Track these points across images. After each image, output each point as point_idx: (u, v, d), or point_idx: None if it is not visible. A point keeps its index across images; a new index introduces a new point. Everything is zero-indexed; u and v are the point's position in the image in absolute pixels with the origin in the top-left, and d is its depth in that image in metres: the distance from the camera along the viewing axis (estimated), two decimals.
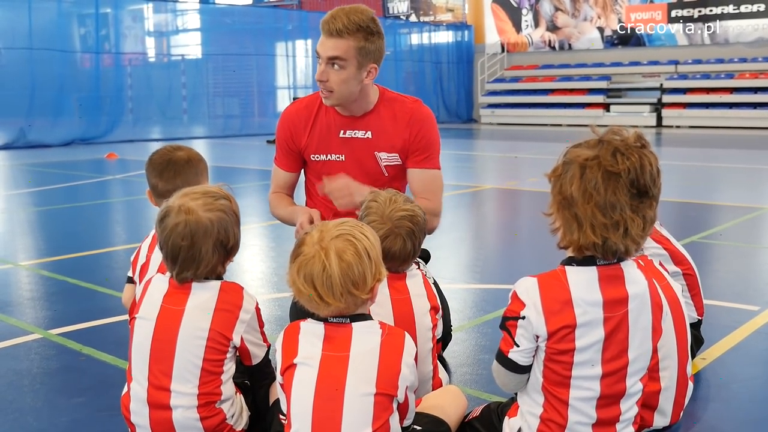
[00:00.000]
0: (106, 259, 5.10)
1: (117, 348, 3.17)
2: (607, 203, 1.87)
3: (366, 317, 2.00)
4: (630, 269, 2.02)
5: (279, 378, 2.00)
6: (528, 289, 1.98)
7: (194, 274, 2.17)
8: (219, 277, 2.23)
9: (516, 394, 2.17)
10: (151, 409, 2.15)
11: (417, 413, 2.15)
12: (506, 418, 2.14)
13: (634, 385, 2.04)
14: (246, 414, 2.30)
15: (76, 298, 4.18)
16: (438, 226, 3.14)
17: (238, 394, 2.28)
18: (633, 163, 1.87)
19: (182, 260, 2.14)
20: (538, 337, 1.96)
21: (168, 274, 2.24)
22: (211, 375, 2.15)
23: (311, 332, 1.98)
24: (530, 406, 2.06)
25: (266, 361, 2.31)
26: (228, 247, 2.20)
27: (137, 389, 2.17)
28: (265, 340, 2.29)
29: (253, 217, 6.79)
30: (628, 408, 2.06)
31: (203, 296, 2.16)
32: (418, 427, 2.13)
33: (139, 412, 2.17)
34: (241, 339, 2.18)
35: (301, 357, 1.95)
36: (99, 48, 16.56)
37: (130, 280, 2.78)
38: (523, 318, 1.96)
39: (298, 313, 2.94)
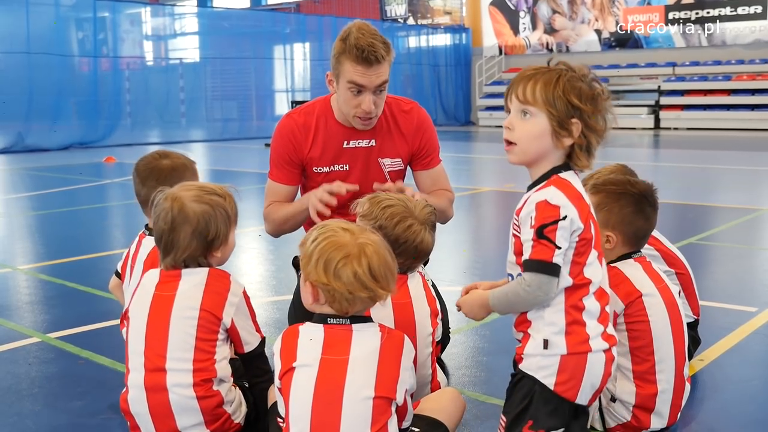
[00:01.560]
0: (104, 262, 5.10)
1: (115, 351, 3.17)
2: None
3: (366, 319, 2.01)
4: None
5: (277, 382, 2.00)
6: (554, 194, 2.05)
7: (174, 260, 2.28)
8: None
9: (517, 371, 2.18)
10: (149, 393, 2.19)
11: (415, 416, 2.15)
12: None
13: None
14: (244, 409, 2.33)
15: (74, 301, 4.18)
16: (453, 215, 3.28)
17: (235, 388, 2.31)
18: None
19: (164, 244, 2.28)
20: (574, 232, 2.06)
21: (158, 268, 2.35)
22: (204, 353, 2.21)
23: (311, 335, 1.98)
24: (552, 316, 2.10)
25: (260, 353, 2.38)
26: (208, 239, 2.28)
27: (135, 377, 2.22)
28: (258, 329, 2.37)
29: (251, 220, 6.79)
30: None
31: (193, 280, 2.27)
32: (416, 430, 2.13)
33: (138, 399, 2.21)
34: (232, 321, 2.27)
35: (300, 360, 1.95)
36: (97, 52, 16.56)
37: (117, 274, 2.90)
38: (564, 218, 2.03)
39: (297, 316, 2.96)
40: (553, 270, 2.05)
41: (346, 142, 3.09)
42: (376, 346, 1.96)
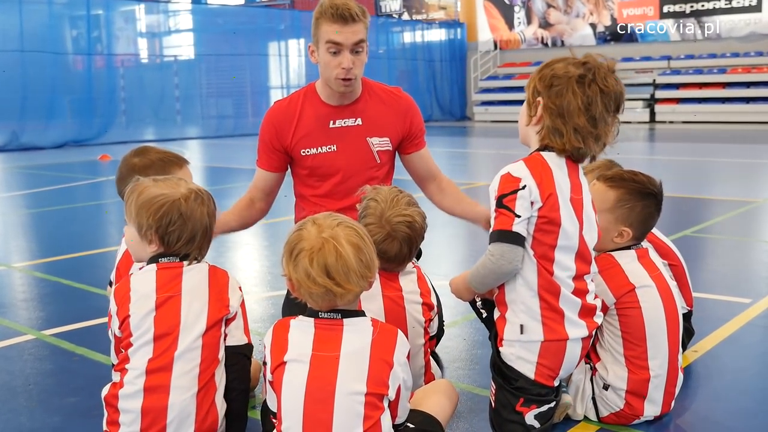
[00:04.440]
0: (99, 260, 5.10)
1: (110, 348, 3.16)
2: (599, 117, 2.19)
3: (358, 313, 2.00)
4: (581, 168, 2.32)
5: (269, 376, 1.99)
6: (518, 167, 2.22)
7: (201, 250, 2.29)
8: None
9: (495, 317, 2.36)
10: (147, 394, 2.11)
11: (409, 410, 2.15)
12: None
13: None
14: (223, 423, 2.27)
15: (69, 299, 4.18)
16: None
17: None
18: (621, 87, 2.24)
19: (203, 237, 2.26)
20: (533, 204, 2.17)
21: (149, 266, 2.25)
22: (211, 351, 2.17)
23: (301, 330, 1.98)
24: (527, 300, 2.24)
25: (245, 355, 2.29)
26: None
27: (133, 378, 2.14)
28: (246, 332, 2.30)
29: None
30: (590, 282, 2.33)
31: (195, 278, 2.24)
32: (411, 425, 2.12)
33: (134, 396, 2.12)
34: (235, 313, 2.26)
35: (291, 355, 1.95)
36: (91, 50, 16.51)
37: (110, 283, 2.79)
38: (524, 188, 2.16)
39: (291, 311, 2.95)
40: (513, 238, 2.17)
41: (332, 122, 3.06)
42: (367, 341, 1.95)
